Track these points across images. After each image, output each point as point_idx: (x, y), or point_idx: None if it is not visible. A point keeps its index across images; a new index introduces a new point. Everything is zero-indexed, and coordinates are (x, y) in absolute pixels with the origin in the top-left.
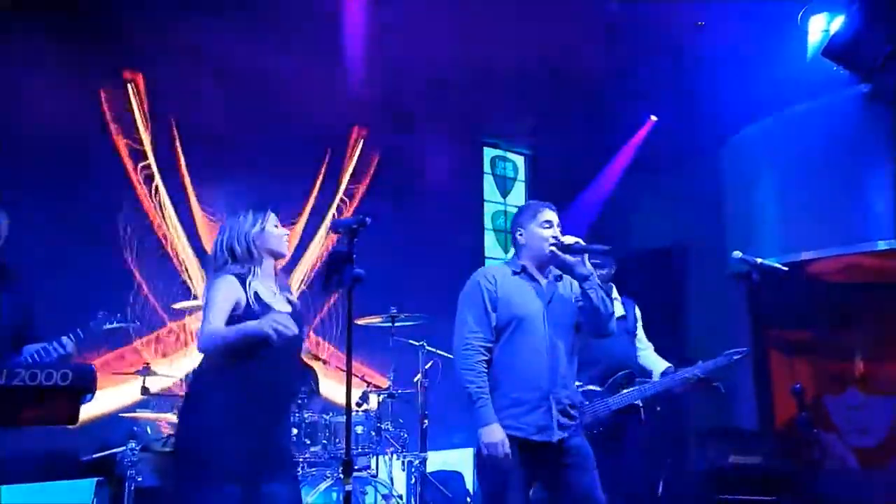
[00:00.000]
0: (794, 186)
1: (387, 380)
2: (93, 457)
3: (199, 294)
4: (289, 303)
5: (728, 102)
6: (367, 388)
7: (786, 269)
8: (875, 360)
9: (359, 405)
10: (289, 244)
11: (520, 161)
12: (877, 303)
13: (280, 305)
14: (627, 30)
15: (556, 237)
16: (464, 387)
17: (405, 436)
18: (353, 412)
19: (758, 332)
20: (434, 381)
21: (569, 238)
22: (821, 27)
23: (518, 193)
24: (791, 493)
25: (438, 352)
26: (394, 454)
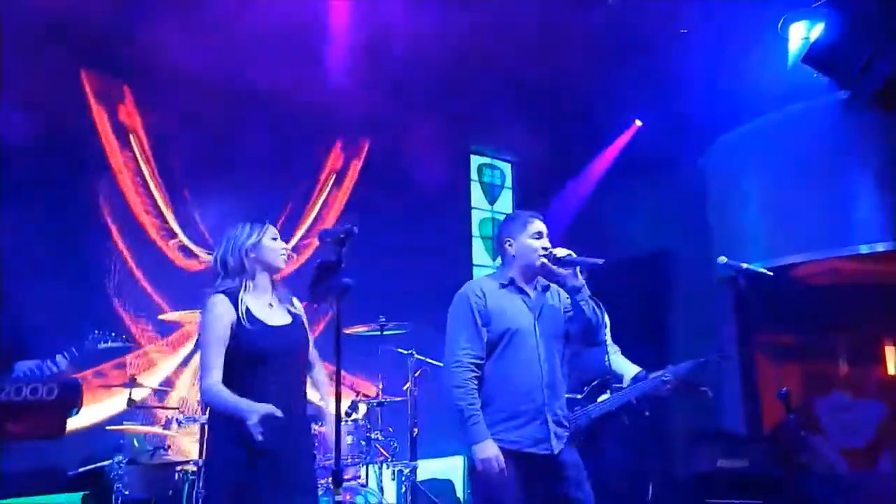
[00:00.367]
0: (777, 191)
1: (376, 389)
2: (79, 470)
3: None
4: (290, 313)
5: (710, 109)
6: (357, 398)
7: (771, 274)
8: (861, 363)
9: (348, 415)
10: (289, 258)
11: (507, 168)
12: (861, 305)
13: (277, 319)
14: (611, 38)
15: (548, 249)
16: (454, 404)
17: (395, 445)
18: (343, 422)
19: (745, 337)
20: (423, 390)
21: (561, 250)
22: (801, 35)
23: (505, 201)
24: (779, 497)
25: (427, 360)
26: (384, 463)
